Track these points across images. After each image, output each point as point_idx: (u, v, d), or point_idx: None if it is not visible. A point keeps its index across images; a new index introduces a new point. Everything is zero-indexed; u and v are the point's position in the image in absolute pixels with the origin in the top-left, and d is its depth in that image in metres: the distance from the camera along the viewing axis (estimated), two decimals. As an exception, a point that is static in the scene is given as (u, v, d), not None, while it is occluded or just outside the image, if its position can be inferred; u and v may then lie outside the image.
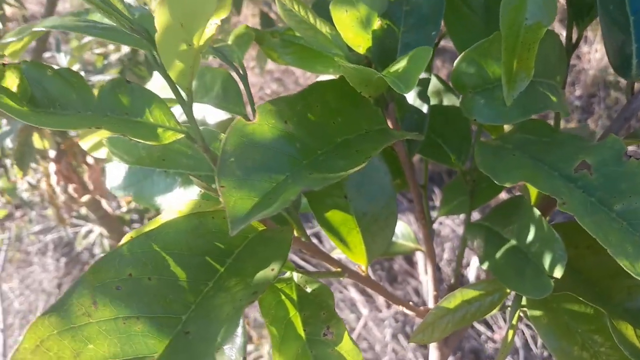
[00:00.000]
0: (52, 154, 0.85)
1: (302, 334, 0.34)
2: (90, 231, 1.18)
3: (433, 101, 0.49)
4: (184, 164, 0.38)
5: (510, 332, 0.38)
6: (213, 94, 0.40)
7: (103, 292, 0.26)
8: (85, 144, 0.41)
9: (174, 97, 0.33)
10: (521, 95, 0.37)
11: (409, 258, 1.63)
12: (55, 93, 0.31)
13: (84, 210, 1.11)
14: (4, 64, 0.31)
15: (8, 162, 1.06)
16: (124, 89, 0.33)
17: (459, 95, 0.39)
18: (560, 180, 0.35)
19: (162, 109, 0.33)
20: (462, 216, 0.68)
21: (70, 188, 0.89)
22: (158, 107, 0.33)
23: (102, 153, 0.43)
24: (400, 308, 0.49)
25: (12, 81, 0.30)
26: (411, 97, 0.47)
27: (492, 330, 1.47)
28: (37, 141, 0.83)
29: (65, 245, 1.77)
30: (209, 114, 0.44)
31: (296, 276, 0.38)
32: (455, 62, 0.38)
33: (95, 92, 0.32)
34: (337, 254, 0.54)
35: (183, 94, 0.33)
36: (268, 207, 0.27)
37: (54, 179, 0.86)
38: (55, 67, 0.31)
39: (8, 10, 1.22)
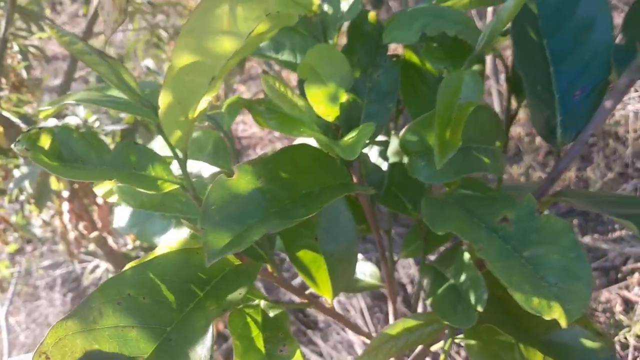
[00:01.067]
0: (65, 194, 0.95)
1: (263, 349, 0.42)
2: (97, 266, 1.26)
3: (396, 159, 0.57)
4: (178, 209, 0.46)
5: (442, 356, 0.45)
6: (206, 152, 0.49)
7: (107, 306, 0.35)
8: (99, 190, 0.49)
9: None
10: (457, 159, 0.45)
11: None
12: (79, 151, 0.40)
13: (92, 247, 1.19)
14: (40, 128, 0.40)
15: (22, 197, 1.15)
16: (132, 149, 0.41)
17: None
18: (484, 230, 0.43)
19: (162, 165, 0.42)
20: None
21: (81, 225, 0.98)
22: (159, 163, 0.42)
23: (113, 198, 0.51)
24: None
25: (45, 141, 0.39)
26: (374, 157, 0.55)
27: None
28: (53, 183, 0.92)
29: (73, 281, 1.85)
30: (204, 168, 0.53)
31: (263, 303, 0.46)
32: (402, 132, 0.46)
33: (110, 151, 0.40)
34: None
35: (179, 153, 0.42)
36: (237, 245, 0.36)
37: (66, 216, 0.95)
38: (80, 130, 0.40)
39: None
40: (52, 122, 0.91)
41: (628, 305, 1.52)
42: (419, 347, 0.58)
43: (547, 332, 0.46)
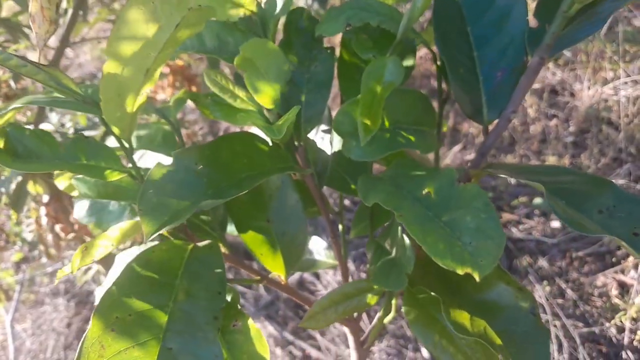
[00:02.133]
0: (45, 198, 0.99)
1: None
2: (89, 268, 1.31)
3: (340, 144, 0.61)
4: (130, 196, 0.50)
5: (381, 314, 0.49)
6: (156, 142, 0.53)
7: (105, 336, 0.39)
8: (59, 184, 0.54)
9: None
10: (384, 138, 0.50)
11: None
12: (33, 147, 0.44)
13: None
14: (-6, 129, 0.44)
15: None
16: (83, 142, 0.46)
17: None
18: (409, 200, 0.47)
19: (110, 155, 0.46)
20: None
21: (58, 228, 1.03)
22: (107, 154, 0.46)
23: (75, 192, 0.56)
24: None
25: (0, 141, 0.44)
26: (320, 143, 0.59)
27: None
28: (30, 186, 0.97)
29: (76, 286, 1.90)
30: (162, 159, 0.57)
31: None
32: (334, 114, 0.50)
33: (61, 145, 0.45)
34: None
35: (125, 143, 0.46)
36: (171, 222, 0.40)
37: (44, 220, 1.00)
38: (31, 127, 0.44)
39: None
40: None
41: (623, 289, 1.55)
42: (375, 321, 0.62)
43: (476, 292, 0.50)
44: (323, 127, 0.61)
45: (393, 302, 0.55)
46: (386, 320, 0.51)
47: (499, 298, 0.49)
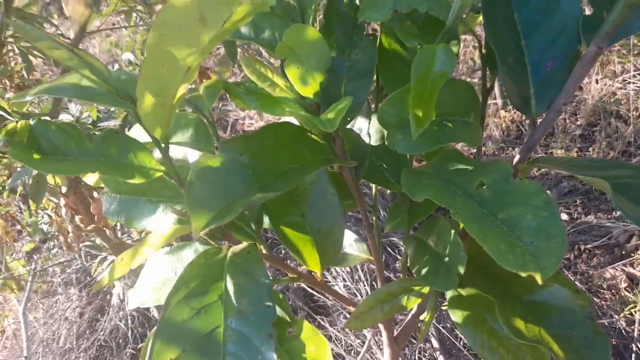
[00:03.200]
0: (63, 189, 0.97)
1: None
2: (104, 258, 1.29)
3: (378, 135, 0.59)
4: (164, 194, 0.48)
5: (428, 316, 0.47)
6: (187, 135, 0.51)
7: None
8: (88, 179, 0.51)
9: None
10: (432, 130, 0.47)
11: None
12: (58, 143, 0.41)
13: (99, 241, 1.22)
14: (16, 121, 0.41)
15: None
16: (113, 138, 0.43)
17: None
18: (461, 196, 0.45)
19: (143, 152, 0.44)
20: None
21: (77, 219, 1.00)
22: (140, 151, 0.43)
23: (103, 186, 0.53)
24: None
25: (22, 135, 0.41)
26: (357, 134, 0.57)
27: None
28: (50, 177, 0.94)
29: (88, 276, 1.89)
30: (189, 153, 0.55)
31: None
32: (380, 105, 0.48)
33: (89, 141, 0.42)
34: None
35: (161, 143, 0.43)
36: (222, 219, 0.37)
37: (63, 211, 0.98)
38: (61, 120, 0.42)
39: (34, 60, 1.36)
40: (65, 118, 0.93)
41: (633, 282, 1.53)
42: (409, 317, 0.60)
43: (528, 293, 0.48)
44: (362, 114, 0.58)
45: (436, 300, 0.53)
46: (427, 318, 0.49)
47: (552, 299, 0.47)
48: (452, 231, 0.46)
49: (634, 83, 2.02)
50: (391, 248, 1.74)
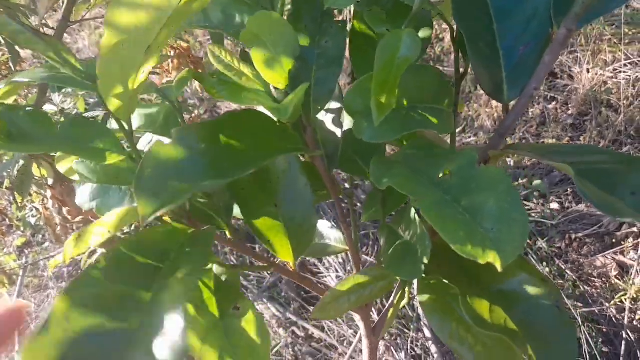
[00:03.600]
0: (50, 181, 0.97)
1: (215, 311, 0.43)
2: (94, 252, 1.29)
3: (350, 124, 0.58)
4: (131, 180, 0.48)
5: (391, 310, 0.46)
6: (157, 124, 0.51)
7: (73, 311, 0.35)
8: (60, 167, 0.51)
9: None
10: (398, 118, 0.47)
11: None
12: (27, 128, 0.41)
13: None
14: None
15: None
16: (79, 122, 0.43)
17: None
18: (425, 184, 0.44)
19: (109, 137, 0.43)
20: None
21: (65, 211, 1.00)
22: (106, 136, 0.43)
23: (76, 176, 0.53)
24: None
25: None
26: (329, 124, 0.56)
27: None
28: (36, 169, 0.95)
29: (80, 268, 1.89)
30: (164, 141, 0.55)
31: (215, 268, 0.48)
32: (345, 92, 0.47)
33: (57, 126, 0.42)
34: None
35: (125, 125, 0.43)
36: (168, 204, 0.37)
37: (50, 203, 0.97)
38: (27, 109, 0.41)
39: (22, 52, 1.35)
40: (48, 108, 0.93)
41: (623, 270, 1.53)
42: (387, 307, 0.59)
43: (495, 282, 0.47)
44: (334, 104, 0.58)
45: (406, 289, 0.53)
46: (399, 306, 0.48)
47: (519, 289, 0.46)
48: (418, 220, 0.46)
49: (624, 72, 2.00)
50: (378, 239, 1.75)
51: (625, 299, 1.40)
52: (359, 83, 0.47)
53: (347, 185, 0.63)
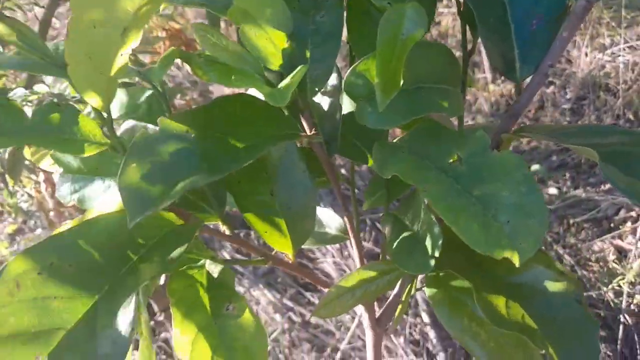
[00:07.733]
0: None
1: (208, 310, 0.40)
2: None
3: (350, 106, 0.54)
4: (114, 172, 0.44)
5: (403, 300, 0.43)
6: (140, 110, 0.47)
7: (25, 278, 0.33)
8: (43, 164, 0.47)
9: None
10: (404, 100, 0.43)
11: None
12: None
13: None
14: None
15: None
16: (55, 110, 0.39)
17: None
18: (433, 171, 0.41)
19: (88, 125, 0.40)
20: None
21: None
22: (85, 124, 0.39)
23: (56, 167, 0.50)
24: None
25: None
26: (326, 106, 0.52)
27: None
28: (27, 152, 0.90)
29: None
30: (150, 129, 0.51)
31: (208, 263, 0.44)
32: (346, 74, 0.43)
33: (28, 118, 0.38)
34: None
35: (103, 113, 0.39)
36: (159, 205, 0.34)
37: (43, 187, 0.94)
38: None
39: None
40: (20, 92, 0.90)
41: (621, 254, 1.53)
42: (391, 297, 0.56)
43: (509, 275, 0.44)
44: (331, 82, 0.53)
45: (414, 281, 0.50)
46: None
47: (536, 282, 0.43)
48: (428, 211, 0.42)
49: (623, 56, 1.97)
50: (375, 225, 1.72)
51: (623, 283, 1.39)
52: (360, 64, 0.43)
53: (343, 172, 0.59)
